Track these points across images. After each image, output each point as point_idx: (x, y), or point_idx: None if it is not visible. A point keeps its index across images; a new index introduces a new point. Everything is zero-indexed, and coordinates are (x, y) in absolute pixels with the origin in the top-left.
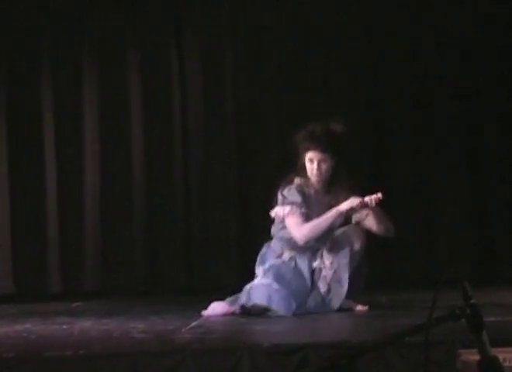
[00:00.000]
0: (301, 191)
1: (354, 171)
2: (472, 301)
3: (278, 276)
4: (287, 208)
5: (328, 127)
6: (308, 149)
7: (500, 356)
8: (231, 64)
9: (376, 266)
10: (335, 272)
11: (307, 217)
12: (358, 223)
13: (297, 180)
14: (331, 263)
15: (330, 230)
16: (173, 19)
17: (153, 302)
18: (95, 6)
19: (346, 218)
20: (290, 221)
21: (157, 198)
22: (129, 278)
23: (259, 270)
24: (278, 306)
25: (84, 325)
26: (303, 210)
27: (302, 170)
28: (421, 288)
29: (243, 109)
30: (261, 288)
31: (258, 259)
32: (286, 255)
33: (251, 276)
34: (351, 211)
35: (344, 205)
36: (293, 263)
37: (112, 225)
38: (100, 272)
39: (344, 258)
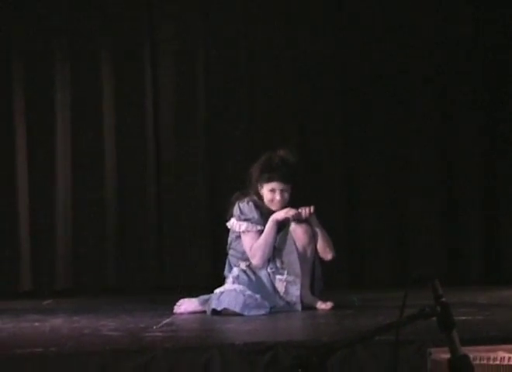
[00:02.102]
0: (258, 207)
1: (325, 173)
2: (443, 299)
3: (249, 281)
4: (243, 225)
5: (284, 157)
6: (270, 180)
7: (471, 355)
8: (204, 55)
9: (347, 266)
10: (288, 273)
11: (262, 233)
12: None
13: (253, 197)
14: (282, 265)
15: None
16: (146, 10)
17: (125, 300)
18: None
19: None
20: (245, 240)
21: (128, 197)
22: (100, 276)
23: (228, 278)
24: (250, 311)
25: (55, 323)
26: (259, 228)
27: (257, 197)
28: (392, 288)
29: (216, 105)
30: (233, 294)
31: (226, 266)
32: (243, 265)
33: (223, 273)
34: (287, 220)
35: (279, 215)
36: (252, 271)
37: (84, 223)
38: (71, 270)
39: (291, 257)
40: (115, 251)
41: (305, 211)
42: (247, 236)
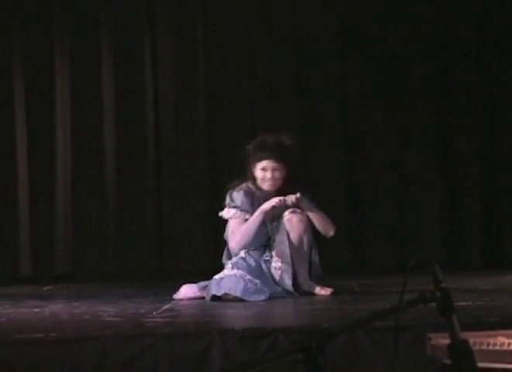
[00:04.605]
0: (249, 194)
1: (327, 161)
2: (443, 284)
3: (248, 267)
4: (231, 212)
5: (279, 138)
6: (261, 159)
7: (470, 340)
8: (203, 48)
9: (347, 252)
10: (282, 262)
11: None
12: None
13: (247, 184)
14: (276, 254)
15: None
16: (146, 5)
17: (124, 286)
18: None
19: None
20: (231, 225)
21: (128, 183)
22: (100, 262)
23: (227, 264)
24: (251, 296)
25: (55, 309)
26: (247, 216)
27: (252, 180)
28: (392, 273)
29: (215, 98)
30: (233, 279)
31: (225, 253)
32: (242, 252)
33: (222, 259)
34: (277, 210)
35: (266, 205)
36: (251, 257)
37: (83, 209)
38: (71, 256)
39: (283, 246)
40: (115, 237)
41: (291, 199)
42: (232, 222)
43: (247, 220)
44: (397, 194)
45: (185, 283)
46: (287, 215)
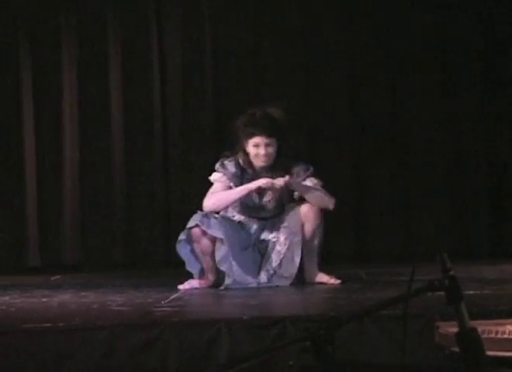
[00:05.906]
0: (239, 168)
1: (335, 146)
2: (451, 273)
3: (240, 228)
4: (218, 175)
5: (268, 111)
6: (253, 135)
7: (479, 329)
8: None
9: (354, 241)
10: (288, 249)
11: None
12: (299, 199)
13: (237, 158)
14: (285, 239)
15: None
16: None
17: (132, 276)
18: None
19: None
20: (213, 186)
21: (136, 173)
22: (108, 252)
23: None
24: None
25: (64, 298)
26: (231, 184)
27: (243, 155)
28: (400, 262)
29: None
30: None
31: None
32: (236, 217)
33: None
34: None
35: (253, 184)
36: (240, 226)
37: (91, 198)
38: (79, 245)
39: (296, 237)
40: (123, 226)
41: (279, 182)
42: (215, 185)
43: (228, 186)
44: (404, 182)
45: (191, 276)
46: (304, 208)
